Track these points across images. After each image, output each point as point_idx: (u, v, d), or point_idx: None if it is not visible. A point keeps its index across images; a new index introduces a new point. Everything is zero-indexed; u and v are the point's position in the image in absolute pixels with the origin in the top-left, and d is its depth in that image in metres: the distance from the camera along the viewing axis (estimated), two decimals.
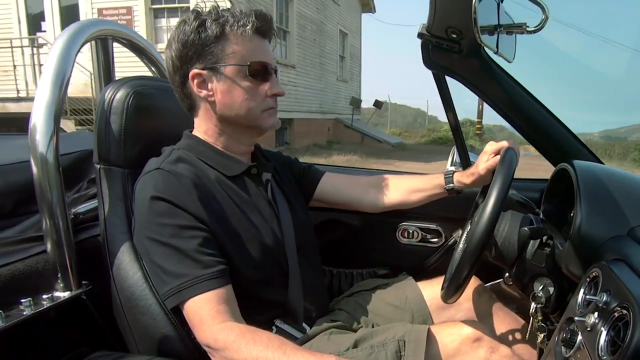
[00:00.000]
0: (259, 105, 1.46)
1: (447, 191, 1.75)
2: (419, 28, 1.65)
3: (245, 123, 1.49)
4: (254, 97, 1.45)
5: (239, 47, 1.40)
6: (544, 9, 1.46)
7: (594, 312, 1.02)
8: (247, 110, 1.45)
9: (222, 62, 1.40)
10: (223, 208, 1.42)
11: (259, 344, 1.21)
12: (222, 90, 1.42)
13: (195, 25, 1.37)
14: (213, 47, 1.38)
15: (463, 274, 1.37)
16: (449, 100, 1.93)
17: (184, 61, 1.40)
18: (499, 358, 1.42)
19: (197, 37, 1.37)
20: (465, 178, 1.69)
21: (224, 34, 1.38)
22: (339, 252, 2.21)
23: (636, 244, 1.15)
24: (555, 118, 1.84)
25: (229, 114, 1.46)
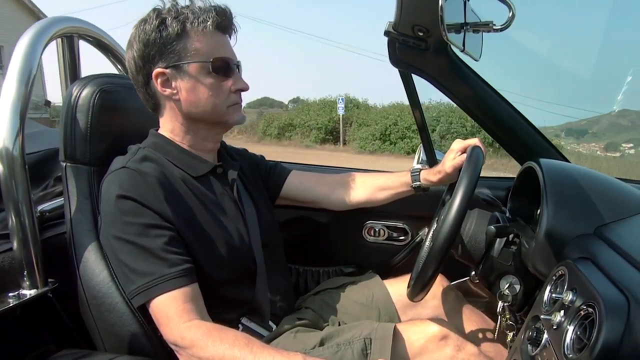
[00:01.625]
0: (224, 101, 1.47)
1: (414, 189, 1.77)
2: (386, 26, 1.65)
3: (212, 120, 1.49)
4: (219, 93, 1.45)
5: (201, 43, 1.40)
6: (510, 6, 1.46)
7: (560, 310, 1.02)
8: (212, 106, 1.45)
9: (185, 60, 1.39)
10: (189, 207, 1.41)
11: (226, 341, 1.22)
12: (187, 88, 1.41)
13: (155, 23, 1.36)
14: (175, 45, 1.37)
15: (429, 272, 1.37)
16: (415, 98, 1.94)
17: (147, 61, 1.39)
18: (466, 356, 1.44)
19: (159, 36, 1.36)
20: (432, 176, 1.71)
21: (185, 32, 1.38)
22: (305, 250, 2.20)
23: (602, 243, 1.15)
24: (522, 116, 1.86)
25: (194, 112, 1.45)
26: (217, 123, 1.51)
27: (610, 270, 1.00)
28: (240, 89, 1.49)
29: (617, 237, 1.14)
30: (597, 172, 1.51)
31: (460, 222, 1.33)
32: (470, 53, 1.58)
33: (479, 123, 1.91)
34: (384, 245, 2.28)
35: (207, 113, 1.46)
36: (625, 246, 1.07)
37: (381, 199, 1.85)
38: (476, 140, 1.57)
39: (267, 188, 1.83)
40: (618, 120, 22.05)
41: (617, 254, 1.06)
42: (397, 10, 1.51)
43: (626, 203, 1.34)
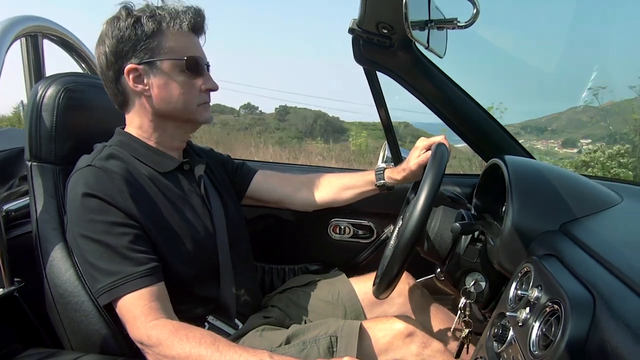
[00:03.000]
0: (195, 100, 1.48)
1: (378, 187, 1.78)
2: (350, 23, 1.64)
3: (182, 117, 1.50)
4: (190, 92, 1.46)
5: (175, 42, 1.42)
6: (474, 3, 1.47)
7: (525, 307, 1.02)
8: (183, 103, 1.46)
9: (159, 57, 1.40)
10: (155, 204, 1.41)
11: (192, 340, 1.23)
12: (159, 85, 1.42)
13: (130, 21, 1.37)
14: (149, 42, 1.38)
15: (394, 269, 1.37)
16: (380, 96, 1.93)
17: (119, 56, 1.39)
18: (431, 353, 1.46)
19: (134, 33, 1.37)
20: (396, 174, 1.72)
21: (160, 30, 1.39)
22: (271, 248, 2.19)
23: (568, 239, 1.16)
24: (487, 113, 1.87)
25: (165, 108, 1.46)
26: (187, 121, 1.52)
27: (576, 267, 1.01)
28: (210, 89, 1.52)
29: (582, 234, 1.15)
30: (562, 169, 1.52)
31: (426, 219, 1.34)
32: (435, 50, 1.59)
33: (444, 120, 1.92)
34: (350, 243, 2.28)
35: (178, 110, 1.47)
36: (591, 243, 1.08)
37: (346, 198, 1.87)
38: (441, 137, 1.58)
39: (234, 187, 1.82)
40: (578, 117, 22.53)
41: (583, 251, 1.07)
42: (362, 7, 1.51)
43: (591, 200, 1.35)
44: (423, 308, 1.77)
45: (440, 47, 1.64)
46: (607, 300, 0.85)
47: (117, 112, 1.53)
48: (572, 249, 1.10)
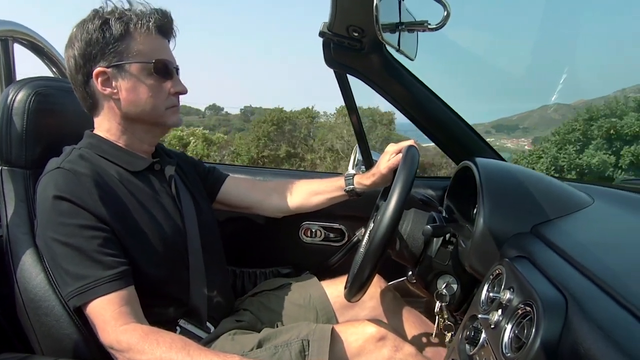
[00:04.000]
0: (163, 103, 1.48)
1: (347, 193, 1.78)
2: (321, 26, 1.64)
3: (150, 120, 1.49)
4: (159, 95, 1.46)
5: (144, 45, 1.41)
6: (445, 6, 1.47)
7: (497, 309, 1.02)
8: (152, 107, 1.45)
9: (127, 60, 1.39)
10: (125, 205, 1.40)
11: (163, 344, 1.23)
12: (127, 88, 1.41)
13: (98, 24, 1.36)
14: (118, 45, 1.38)
15: (366, 272, 1.37)
16: (351, 99, 1.93)
17: (88, 59, 1.38)
18: (403, 356, 1.45)
19: (102, 36, 1.36)
20: (366, 179, 1.73)
21: (128, 33, 1.39)
22: (242, 251, 2.17)
23: (539, 241, 1.16)
24: (458, 116, 1.88)
25: (134, 111, 1.45)
26: (155, 124, 1.51)
27: (548, 269, 1.01)
28: (179, 92, 1.51)
29: (554, 236, 1.15)
30: (533, 171, 1.53)
31: (397, 221, 1.34)
32: (406, 52, 1.59)
33: (415, 123, 1.92)
34: (321, 246, 2.27)
35: (146, 113, 1.46)
36: (563, 244, 1.08)
37: (315, 203, 1.87)
38: (411, 141, 1.59)
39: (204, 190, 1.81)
40: (550, 115, 23.15)
41: (554, 252, 1.07)
42: (332, 10, 1.51)
43: (563, 201, 1.36)
44: (395, 311, 1.77)
45: (411, 50, 1.65)
46: (579, 302, 0.85)
47: (88, 116, 1.51)
48: (543, 250, 1.10)
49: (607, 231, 1.26)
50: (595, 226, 1.29)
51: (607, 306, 0.81)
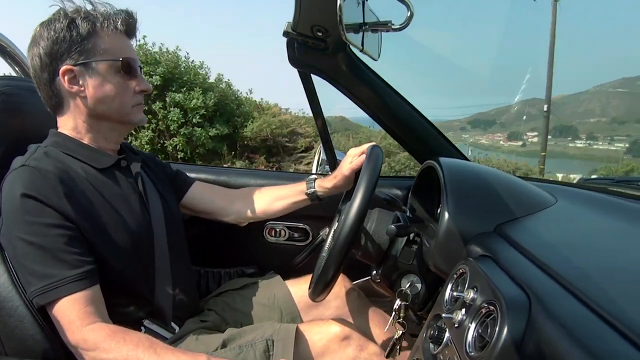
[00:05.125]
0: (130, 101, 1.48)
1: (309, 197, 1.78)
2: (285, 26, 1.64)
3: (117, 118, 1.49)
4: (125, 93, 1.46)
5: (110, 44, 1.41)
6: (408, 6, 1.47)
7: (461, 308, 1.02)
8: (119, 104, 1.46)
9: (94, 58, 1.39)
10: (91, 202, 1.39)
11: (129, 343, 1.24)
12: (94, 86, 1.41)
13: (65, 23, 1.35)
14: (84, 43, 1.37)
15: (330, 272, 1.37)
16: (315, 99, 1.92)
17: (54, 58, 1.37)
18: (367, 356, 1.47)
19: (69, 34, 1.36)
20: (327, 182, 1.73)
21: (95, 31, 1.39)
22: (206, 251, 2.14)
23: (503, 241, 1.17)
24: (422, 115, 1.88)
25: (101, 109, 1.44)
26: (121, 121, 1.51)
27: (511, 268, 1.01)
28: (143, 90, 1.51)
29: (517, 235, 1.16)
30: (497, 171, 1.54)
31: (361, 221, 1.34)
32: (369, 53, 1.59)
33: (379, 123, 1.92)
34: (285, 246, 2.26)
35: (113, 110, 1.46)
36: (526, 244, 1.09)
37: (278, 209, 1.86)
38: (372, 143, 1.59)
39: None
40: (526, 109, 23.57)
41: (518, 252, 1.07)
42: (296, 10, 1.50)
43: (526, 201, 1.37)
44: (360, 310, 1.78)
45: (375, 50, 1.65)
46: (542, 300, 0.86)
47: (52, 115, 1.50)
48: (507, 250, 1.11)
49: (570, 230, 1.27)
50: (559, 225, 1.30)
51: (570, 305, 0.81)
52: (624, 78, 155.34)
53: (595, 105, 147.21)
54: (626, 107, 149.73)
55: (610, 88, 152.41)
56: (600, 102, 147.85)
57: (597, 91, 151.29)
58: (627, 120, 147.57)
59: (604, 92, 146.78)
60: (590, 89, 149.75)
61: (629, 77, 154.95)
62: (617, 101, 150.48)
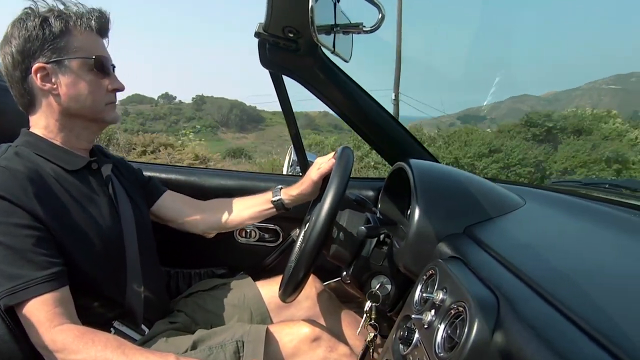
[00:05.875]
0: (103, 99, 1.48)
1: (274, 205, 1.76)
2: (256, 27, 1.63)
3: (90, 116, 1.48)
4: (98, 91, 1.46)
5: (83, 42, 1.41)
6: (380, 8, 1.47)
7: (430, 309, 1.02)
8: (92, 102, 1.45)
9: (67, 56, 1.39)
10: (61, 203, 1.37)
11: (98, 344, 1.23)
12: (67, 84, 1.40)
13: (38, 21, 1.35)
14: (58, 41, 1.37)
15: (300, 273, 1.37)
16: (286, 100, 1.91)
17: (27, 55, 1.36)
18: (337, 357, 1.48)
19: (42, 32, 1.35)
20: (293, 190, 1.73)
21: (68, 30, 1.38)
22: (176, 251, 2.12)
23: (472, 242, 1.17)
24: (392, 118, 1.89)
25: (74, 107, 1.43)
26: (94, 120, 1.50)
27: (480, 270, 1.02)
28: (116, 89, 1.52)
29: (486, 237, 1.16)
30: (466, 173, 1.55)
31: (332, 222, 1.34)
32: (341, 54, 1.58)
33: (350, 124, 1.92)
34: (256, 247, 2.25)
35: (86, 108, 1.45)
36: (495, 245, 1.09)
37: (245, 219, 1.84)
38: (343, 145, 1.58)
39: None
40: (517, 106, 23.70)
41: (487, 253, 1.08)
42: (267, 11, 1.49)
43: (495, 203, 1.38)
44: (330, 311, 1.78)
45: (346, 52, 1.64)
46: (511, 302, 0.86)
47: (24, 114, 1.48)
48: (476, 251, 1.12)
49: (539, 232, 1.28)
50: (527, 227, 1.32)
51: (538, 306, 0.82)
52: (618, 74, 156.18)
53: (586, 102, 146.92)
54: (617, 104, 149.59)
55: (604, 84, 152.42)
56: (592, 98, 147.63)
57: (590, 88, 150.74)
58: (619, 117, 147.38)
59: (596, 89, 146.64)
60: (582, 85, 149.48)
61: (622, 74, 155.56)
62: (609, 98, 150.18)
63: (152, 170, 2.13)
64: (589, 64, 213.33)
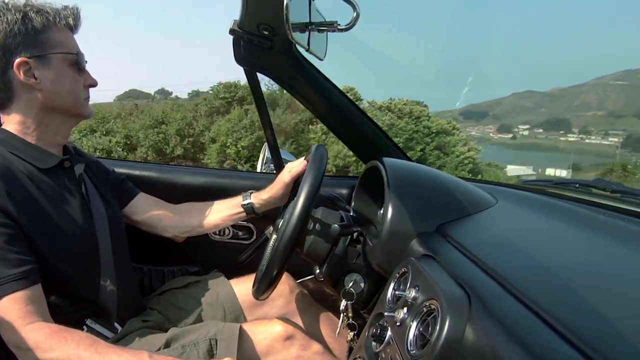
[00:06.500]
0: (82, 94, 1.49)
1: (245, 209, 1.75)
2: (231, 24, 1.61)
3: (71, 110, 1.48)
4: (78, 86, 1.47)
5: (62, 38, 1.41)
6: (354, 6, 1.47)
7: (403, 307, 1.02)
8: (73, 97, 1.46)
9: (50, 51, 1.38)
10: (33, 201, 1.36)
11: (70, 342, 1.22)
12: (50, 79, 1.40)
13: (19, 16, 1.34)
14: (40, 36, 1.37)
15: (274, 270, 1.37)
16: (260, 97, 1.91)
17: (8, 50, 1.34)
18: (311, 355, 1.48)
19: (23, 27, 1.34)
20: (264, 194, 1.72)
21: (49, 25, 1.38)
22: (150, 249, 2.09)
23: (444, 240, 1.18)
24: (366, 116, 1.89)
25: (57, 102, 1.43)
26: (74, 115, 1.51)
27: (452, 267, 1.02)
28: (91, 85, 1.52)
29: (458, 235, 1.17)
30: (439, 171, 1.56)
31: (305, 220, 1.34)
32: (315, 52, 1.58)
33: (324, 122, 1.92)
34: (229, 244, 2.23)
35: (67, 103, 1.45)
36: (466, 244, 1.10)
37: (217, 223, 1.82)
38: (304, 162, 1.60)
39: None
40: (521, 102, 23.93)
41: (459, 252, 1.09)
42: (242, 8, 1.48)
43: (467, 202, 1.39)
44: (304, 309, 1.78)
45: (321, 50, 1.64)
46: (482, 299, 0.87)
47: None
48: (448, 249, 1.12)
49: (510, 231, 1.30)
50: (499, 226, 1.33)
51: (509, 304, 0.83)
52: (626, 70, 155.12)
53: (593, 98, 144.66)
54: (624, 101, 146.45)
55: (611, 80, 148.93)
56: (598, 94, 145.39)
57: (597, 84, 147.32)
58: (624, 114, 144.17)
59: (603, 85, 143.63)
60: (589, 81, 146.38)
61: (631, 70, 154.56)
62: (615, 94, 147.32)
63: (126, 167, 2.10)
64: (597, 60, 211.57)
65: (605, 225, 1.27)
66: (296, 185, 1.61)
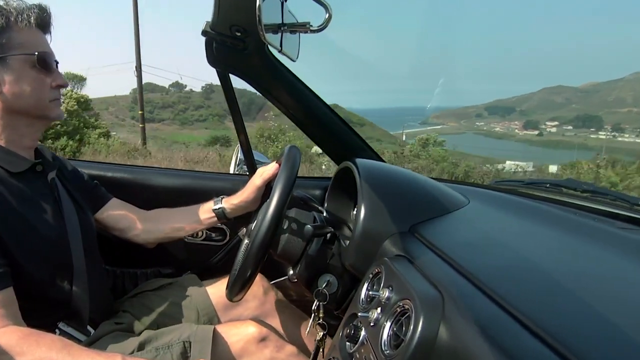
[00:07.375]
0: (47, 96, 1.44)
1: (216, 214, 1.74)
2: (204, 25, 1.60)
3: (35, 113, 1.45)
4: (42, 87, 1.42)
5: (25, 38, 1.38)
6: (327, 8, 1.47)
7: (377, 307, 1.02)
8: (36, 99, 1.42)
9: (9, 53, 1.35)
10: (4, 206, 1.34)
11: (43, 345, 1.20)
12: (10, 81, 1.37)
13: None
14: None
15: (248, 272, 1.36)
16: (233, 99, 1.89)
17: None
18: (285, 356, 1.48)
19: None
20: (235, 199, 1.71)
21: (9, 26, 1.35)
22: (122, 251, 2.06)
23: (417, 241, 1.18)
24: (339, 117, 1.88)
25: (18, 104, 1.40)
26: (39, 117, 1.47)
27: (425, 268, 1.02)
28: (60, 85, 1.47)
29: (431, 235, 1.18)
30: (411, 172, 1.57)
31: (279, 221, 1.33)
32: (288, 54, 1.58)
33: (297, 124, 1.91)
34: (203, 246, 2.21)
35: (30, 106, 1.42)
36: (439, 244, 1.11)
37: (188, 229, 1.81)
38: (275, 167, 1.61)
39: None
40: (551, 97, 23.76)
41: (432, 252, 1.09)
42: (215, 9, 1.47)
43: (440, 202, 1.40)
44: (278, 310, 1.77)
45: (293, 51, 1.63)
46: (455, 299, 0.87)
47: None
48: (421, 250, 1.13)
49: (483, 231, 1.30)
50: (471, 226, 1.34)
51: (482, 304, 0.83)
52: None
53: (628, 93, 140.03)
54: None
55: None
56: (635, 90, 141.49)
57: (634, 79, 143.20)
58: None
59: None
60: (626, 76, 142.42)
61: None
62: None
63: (98, 168, 2.07)
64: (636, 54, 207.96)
65: (576, 224, 1.29)
66: (268, 188, 1.61)
